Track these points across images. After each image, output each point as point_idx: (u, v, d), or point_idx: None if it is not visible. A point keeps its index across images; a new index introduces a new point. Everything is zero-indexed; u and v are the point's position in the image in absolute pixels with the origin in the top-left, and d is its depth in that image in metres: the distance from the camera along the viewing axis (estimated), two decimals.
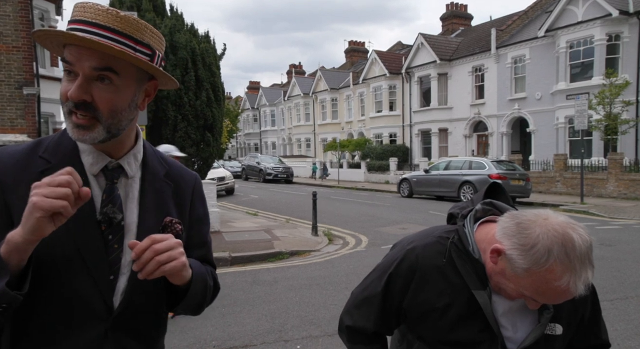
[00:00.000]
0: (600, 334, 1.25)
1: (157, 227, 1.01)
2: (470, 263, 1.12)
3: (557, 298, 1.00)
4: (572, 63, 19.68)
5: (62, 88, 0.91)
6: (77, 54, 0.89)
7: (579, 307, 1.18)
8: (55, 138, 1.00)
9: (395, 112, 29.62)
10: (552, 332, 1.13)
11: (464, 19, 33.14)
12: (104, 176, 0.98)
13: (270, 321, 4.37)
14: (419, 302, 1.16)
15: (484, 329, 1.12)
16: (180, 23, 10.15)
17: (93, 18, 0.89)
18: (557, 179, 17.78)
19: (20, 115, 10.29)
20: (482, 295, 1.10)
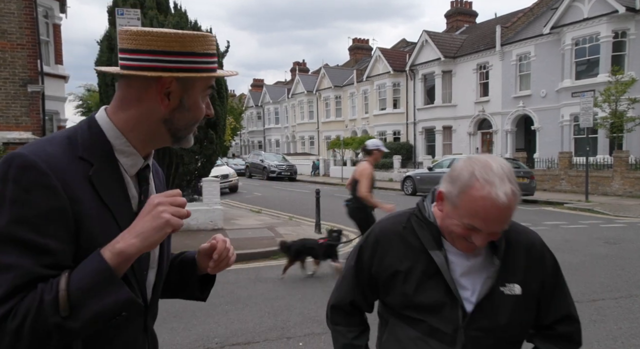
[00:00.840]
0: (565, 306, 1.29)
1: None
2: (427, 227, 1.24)
3: (487, 214, 1.09)
4: (578, 60, 19.54)
5: (203, 111, 1.05)
6: (212, 80, 1.05)
7: (533, 267, 1.24)
8: (85, 135, 0.97)
9: (399, 110, 29.54)
10: (510, 292, 1.20)
11: (468, 16, 32.96)
12: (136, 177, 1.02)
13: (272, 318, 4.38)
14: (385, 267, 1.27)
15: (444, 290, 1.20)
16: (184, 21, 10.15)
17: (214, 49, 1.03)
18: (561, 177, 17.68)
19: (25, 112, 10.34)
20: (438, 255, 1.21)
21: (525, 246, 1.26)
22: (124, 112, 0.99)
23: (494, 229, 1.13)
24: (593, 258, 6.73)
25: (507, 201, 1.07)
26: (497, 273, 1.20)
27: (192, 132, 1.06)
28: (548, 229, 9.48)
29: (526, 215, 11.62)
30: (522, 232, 1.29)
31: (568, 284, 1.37)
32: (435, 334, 1.22)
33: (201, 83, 1.01)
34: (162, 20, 9.61)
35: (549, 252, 1.30)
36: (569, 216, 11.56)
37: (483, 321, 1.20)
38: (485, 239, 1.14)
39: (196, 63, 0.97)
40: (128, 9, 7.54)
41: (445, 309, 1.20)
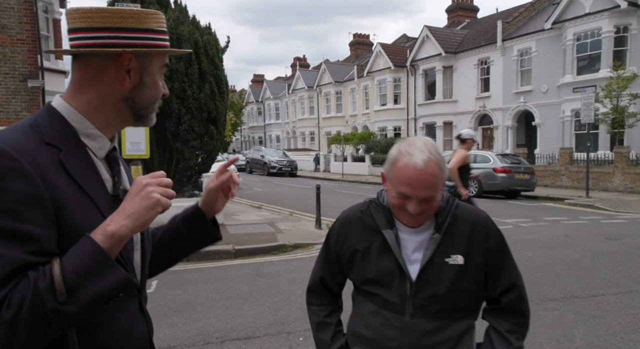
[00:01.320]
0: (509, 276, 1.39)
1: None
2: (382, 210, 1.40)
3: (410, 179, 1.26)
4: (579, 55, 19.46)
5: (162, 88, 1.04)
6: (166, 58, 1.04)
7: (476, 240, 1.35)
8: (46, 122, 0.94)
9: (399, 106, 29.48)
10: (454, 262, 1.32)
11: (469, 11, 32.82)
12: (105, 159, 1.01)
13: (273, 313, 4.39)
14: (346, 247, 1.43)
15: (395, 265, 1.34)
16: (184, 15, 10.12)
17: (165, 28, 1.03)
18: (562, 172, 17.66)
19: (25, 107, 10.33)
20: (390, 233, 1.36)
21: (471, 222, 1.37)
22: (82, 94, 0.96)
23: (420, 194, 1.26)
24: (593, 254, 6.73)
25: (425, 166, 1.25)
26: (437, 245, 1.32)
27: (154, 111, 1.05)
28: (549, 224, 9.48)
29: (527, 211, 11.62)
30: (469, 211, 1.41)
31: (568, 279, 1.39)
32: (387, 305, 1.35)
33: (158, 60, 1.01)
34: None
35: (494, 228, 1.41)
36: (570, 212, 11.56)
37: (427, 290, 1.31)
38: (417, 205, 1.27)
39: (153, 40, 0.97)
40: (128, 4, 7.51)
41: (396, 282, 1.33)
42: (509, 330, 1.38)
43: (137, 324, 1.02)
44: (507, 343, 1.36)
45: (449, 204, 1.38)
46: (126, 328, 0.99)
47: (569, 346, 3.60)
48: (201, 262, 6.51)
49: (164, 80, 1.06)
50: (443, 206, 1.37)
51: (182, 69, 9.38)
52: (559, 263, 6.14)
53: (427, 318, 1.32)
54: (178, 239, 1.20)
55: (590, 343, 3.65)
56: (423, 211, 1.29)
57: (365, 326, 1.39)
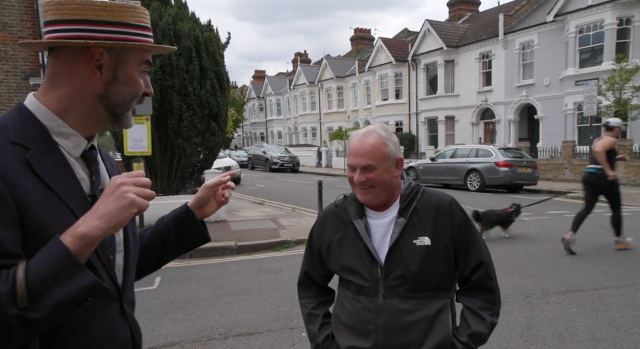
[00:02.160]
0: (476, 255, 1.45)
1: None
2: (354, 202, 1.50)
3: (351, 149, 1.43)
4: (582, 48, 19.34)
5: (140, 84, 1.00)
6: (147, 55, 1.00)
7: (442, 221, 1.43)
8: (15, 121, 0.91)
9: (401, 100, 29.39)
10: (421, 243, 1.40)
11: (471, 4, 32.60)
12: (82, 158, 0.97)
13: (276, 309, 4.40)
14: (324, 239, 1.53)
15: (365, 252, 1.43)
16: (183, 12, 10.09)
17: (148, 23, 1.00)
18: (565, 166, 17.61)
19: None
20: (360, 222, 1.46)
21: (436, 205, 1.45)
22: (55, 91, 0.93)
23: (359, 162, 1.39)
24: (596, 247, 6.72)
25: (364, 137, 1.41)
26: (402, 228, 1.41)
27: (131, 110, 1.01)
28: (551, 218, 9.47)
29: None
30: (433, 195, 1.49)
31: (571, 273, 1.40)
32: (362, 290, 1.43)
33: (135, 56, 0.97)
34: (162, 12, 9.56)
35: (458, 209, 1.47)
36: (573, 206, 11.52)
37: (396, 271, 1.39)
38: (359, 174, 1.40)
39: (128, 34, 0.93)
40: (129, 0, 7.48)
41: (367, 267, 1.42)
42: (481, 307, 1.44)
43: (117, 329, 0.98)
44: (481, 319, 1.42)
45: (413, 190, 1.47)
46: (105, 333, 0.95)
47: (571, 340, 3.60)
48: (204, 258, 6.53)
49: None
50: (407, 193, 1.47)
51: (183, 66, 9.37)
52: (562, 256, 6.14)
53: (399, 298, 1.39)
54: (166, 240, 1.18)
55: (593, 336, 3.65)
56: (366, 181, 1.40)
57: (344, 312, 1.47)
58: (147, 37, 0.98)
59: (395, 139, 1.45)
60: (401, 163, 1.47)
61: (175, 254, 1.22)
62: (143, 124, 7.36)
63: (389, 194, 1.46)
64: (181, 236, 1.19)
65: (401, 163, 1.47)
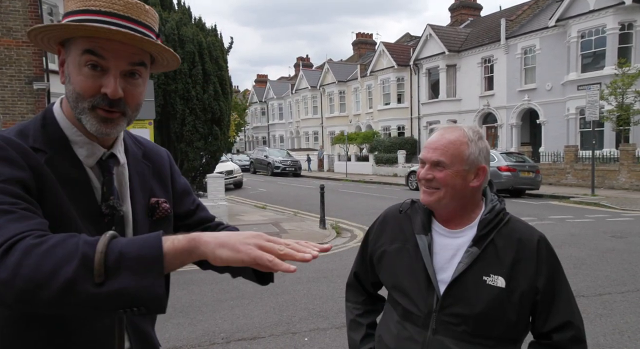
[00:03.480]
0: (564, 313, 1.20)
1: (145, 210, 1.00)
2: (421, 212, 1.31)
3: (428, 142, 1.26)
4: (584, 53, 19.35)
5: (86, 83, 0.85)
6: (113, 49, 0.84)
7: (524, 264, 1.19)
8: (37, 127, 0.90)
9: (403, 105, 29.41)
10: (493, 283, 1.18)
11: (473, 9, 32.68)
12: (98, 167, 0.93)
13: (278, 313, 4.40)
14: (379, 246, 1.36)
15: (423, 274, 1.23)
16: (187, 17, 10.15)
17: (124, 11, 0.85)
18: (567, 170, 17.58)
19: (31, 110, 10.39)
20: (423, 239, 1.26)
21: (519, 241, 1.21)
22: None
23: (430, 156, 1.22)
24: (599, 252, 6.70)
25: (444, 131, 1.24)
26: (472, 259, 1.19)
27: (90, 114, 0.87)
28: (554, 223, 9.44)
29: (532, 209, 11.57)
30: (519, 228, 1.24)
31: (574, 278, 1.38)
32: (410, 317, 1.24)
33: (77, 44, 0.85)
34: (165, 17, 9.62)
35: (548, 251, 1.22)
36: (575, 210, 11.50)
37: (455, 307, 1.18)
38: (426, 171, 1.23)
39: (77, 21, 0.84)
40: None
41: (422, 293, 1.23)
42: None
43: (106, 340, 0.93)
44: None
45: (497, 217, 1.22)
46: (86, 342, 0.90)
47: None
48: None
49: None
50: (489, 218, 1.22)
51: (186, 70, 9.42)
52: (565, 262, 6.10)
53: (452, 338, 1.18)
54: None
55: (597, 342, 3.63)
56: (432, 179, 1.21)
57: (388, 334, 1.30)
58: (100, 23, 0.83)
59: (484, 144, 1.22)
60: (483, 173, 1.23)
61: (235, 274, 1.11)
62: (146, 128, 7.39)
63: (459, 207, 1.24)
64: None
65: (483, 173, 1.23)
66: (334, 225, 9.30)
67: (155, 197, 1.03)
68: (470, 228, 1.23)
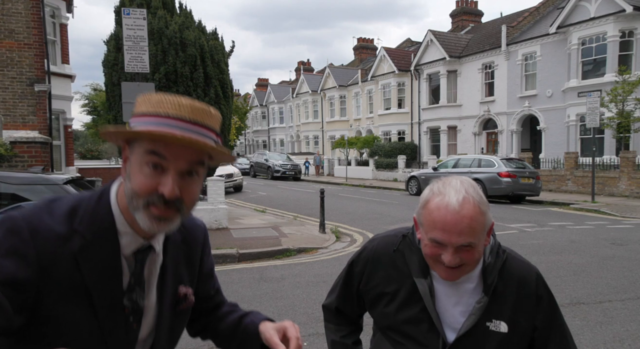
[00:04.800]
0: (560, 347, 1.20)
1: (171, 299, 1.02)
2: (416, 253, 1.22)
3: (444, 222, 1.08)
4: (584, 60, 19.41)
5: (146, 180, 0.86)
6: (175, 151, 0.86)
7: (524, 304, 1.18)
8: (90, 207, 0.91)
9: (403, 110, 29.47)
10: (496, 329, 1.16)
11: (474, 15, 32.82)
12: (133, 257, 0.94)
13: (277, 318, 4.37)
14: (372, 286, 1.28)
15: (426, 320, 1.19)
16: (189, 20, 10.18)
17: (190, 116, 0.87)
18: (567, 177, 17.58)
19: (32, 111, 10.41)
20: (423, 283, 1.19)
21: (518, 281, 1.20)
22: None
23: (455, 240, 1.08)
24: (599, 259, 6.68)
25: (459, 207, 1.07)
26: (483, 310, 1.16)
27: (144, 212, 0.87)
28: (554, 229, 9.43)
29: (532, 215, 11.56)
30: (516, 266, 1.22)
31: (574, 285, 1.37)
32: None
33: (142, 145, 0.87)
34: (168, 20, 9.65)
35: (544, 290, 1.22)
36: (575, 217, 11.49)
37: None
38: (452, 255, 1.09)
39: (150, 124, 0.86)
40: (134, 9, 7.57)
41: (426, 338, 1.18)
42: None
43: None
44: None
45: (499, 259, 1.20)
46: None
47: None
48: None
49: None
50: (492, 262, 1.18)
51: (188, 74, 9.44)
52: (565, 269, 6.10)
53: None
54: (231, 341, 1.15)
55: None
56: (461, 264, 1.11)
57: None
58: (168, 127, 0.85)
59: (485, 199, 1.14)
60: (492, 227, 1.17)
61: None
62: None
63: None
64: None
65: (492, 227, 1.17)
66: (334, 229, 9.28)
67: (183, 284, 1.04)
68: (471, 274, 1.19)
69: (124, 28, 7.35)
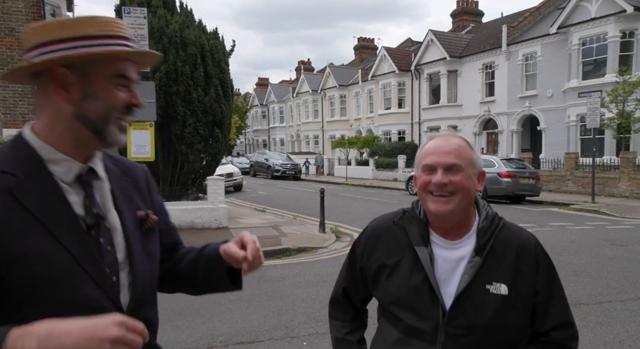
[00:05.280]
0: (562, 313, 1.24)
1: (135, 222, 1.04)
2: (416, 224, 1.27)
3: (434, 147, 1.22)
4: (585, 60, 19.40)
5: (122, 96, 0.96)
6: (130, 67, 0.98)
7: (524, 269, 1.21)
8: (8, 150, 0.95)
9: (404, 110, 29.46)
10: (496, 291, 1.18)
11: (474, 15, 32.80)
12: (78, 182, 0.97)
13: (277, 317, 4.38)
14: (373, 261, 1.30)
15: (426, 287, 1.20)
16: (189, 19, 10.17)
17: (127, 33, 0.98)
18: (567, 177, 17.58)
19: (32, 110, 10.38)
20: (423, 251, 1.22)
21: (518, 246, 1.22)
22: (40, 119, 0.96)
23: (444, 160, 1.18)
24: (600, 260, 6.68)
25: (447, 136, 1.22)
26: (476, 269, 1.18)
27: (115, 124, 0.97)
28: (554, 230, 9.43)
29: (532, 216, 11.56)
30: (515, 232, 1.26)
31: (574, 286, 1.38)
32: (416, 333, 1.20)
33: (106, 68, 0.94)
34: (168, 19, 9.64)
35: (544, 256, 1.25)
36: (575, 217, 11.49)
37: (462, 318, 1.17)
38: (442, 175, 1.18)
39: (91, 46, 0.91)
40: (135, 8, 7.56)
41: (427, 307, 1.20)
42: None
43: None
44: None
45: (494, 223, 1.23)
46: None
47: None
48: None
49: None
50: (487, 225, 1.22)
51: (188, 73, 9.43)
52: (565, 269, 6.10)
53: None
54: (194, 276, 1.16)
55: None
56: (449, 184, 1.17)
57: None
58: (118, 46, 0.93)
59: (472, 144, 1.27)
60: (483, 178, 1.24)
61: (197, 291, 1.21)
62: (147, 130, 7.39)
63: (465, 214, 1.23)
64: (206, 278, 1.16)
65: (483, 178, 1.24)
66: (334, 229, 9.28)
67: (140, 210, 1.07)
68: (468, 237, 1.22)
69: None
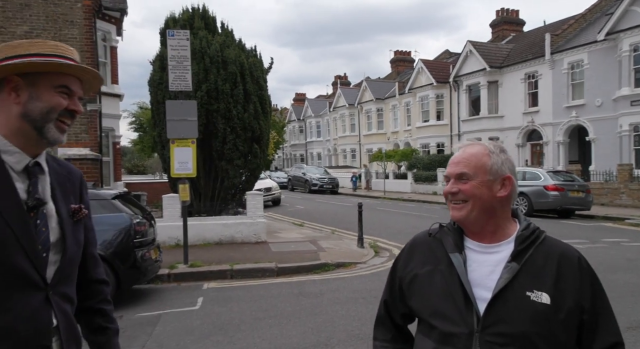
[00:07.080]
0: (613, 333, 1.19)
1: (68, 213, 1.24)
2: (452, 233, 1.28)
3: (452, 158, 1.29)
4: (637, 67, 18.43)
5: (59, 101, 1.17)
6: (73, 81, 1.21)
7: (567, 281, 1.16)
8: None
9: (442, 122, 28.97)
10: (537, 299, 1.14)
11: (515, 24, 32.00)
12: (25, 173, 1.17)
13: (316, 334, 4.33)
14: (408, 270, 1.32)
15: (460, 293, 1.18)
16: (230, 39, 10.51)
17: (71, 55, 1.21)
18: (621, 190, 16.59)
19: (84, 130, 11.00)
20: (457, 257, 1.22)
21: (560, 256, 1.20)
22: (0, 118, 1.16)
23: (454, 170, 1.25)
24: None
25: (466, 146, 1.28)
26: (512, 274, 1.16)
27: (54, 124, 1.17)
28: (607, 246, 8.88)
29: (583, 231, 10.96)
30: (557, 244, 1.24)
31: (633, 307, 1.28)
32: (450, 340, 1.17)
33: (48, 78, 1.16)
34: (209, 40, 10.00)
35: (588, 269, 1.21)
36: (631, 233, 10.78)
37: (499, 326, 1.13)
38: (451, 185, 1.24)
39: (39, 61, 1.14)
40: (178, 31, 7.90)
41: (460, 313, 1.17)
42: None
43: (38, 316, 1.12)
44: None
45: (534, 234, 1.21)
46: (23, 318, 1.09)
47: None
48: (244, 279, 6.57)
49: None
50: (526, 234, 1.21)
51: (228, 90, 9.70)
52: (621, 289, 5.70)
53: None
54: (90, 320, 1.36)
55: None
56: (458, 192, 1.22)
57: None
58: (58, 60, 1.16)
59: (506, 156, 1.25)
60: (510, 183, 1.24)
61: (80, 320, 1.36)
62: (189, 147, 7.62)
63: (491, 219, 1.22)
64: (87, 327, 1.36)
65: (510, 183, 1.24)
66: (372, 244, 9.15)
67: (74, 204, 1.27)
68: (507, 244, 1.21)
69: (168, 49, 7.67)
